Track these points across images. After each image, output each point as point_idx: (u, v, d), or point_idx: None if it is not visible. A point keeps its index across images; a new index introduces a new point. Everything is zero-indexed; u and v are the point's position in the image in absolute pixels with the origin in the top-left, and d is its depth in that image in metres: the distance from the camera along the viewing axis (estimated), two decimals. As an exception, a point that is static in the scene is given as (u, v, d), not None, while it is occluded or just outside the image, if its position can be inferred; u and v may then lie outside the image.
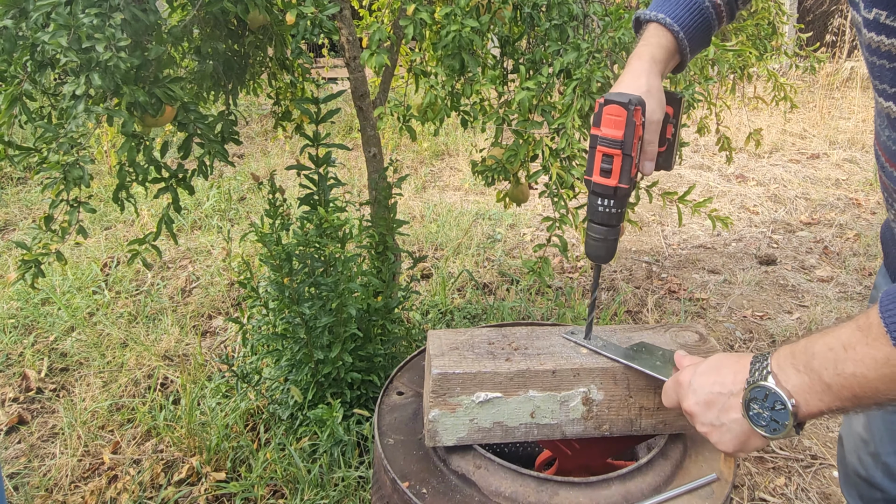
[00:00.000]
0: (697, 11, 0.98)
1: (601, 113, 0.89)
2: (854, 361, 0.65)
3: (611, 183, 0.88)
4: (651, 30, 0.98)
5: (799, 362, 0.70)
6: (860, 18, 0.73)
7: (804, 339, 0.72)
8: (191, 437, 1.81)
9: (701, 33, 1.00)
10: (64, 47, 1.07)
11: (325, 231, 1.60)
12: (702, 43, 1.03)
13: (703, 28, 1.00)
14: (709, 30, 1.02)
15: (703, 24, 0.99)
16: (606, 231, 0.92)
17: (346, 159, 4.50)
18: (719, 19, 1.02)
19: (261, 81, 1.82)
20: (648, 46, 0.97)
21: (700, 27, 0.99)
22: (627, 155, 0.87)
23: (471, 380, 0.90)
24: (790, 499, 1.77)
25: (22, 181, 4.07)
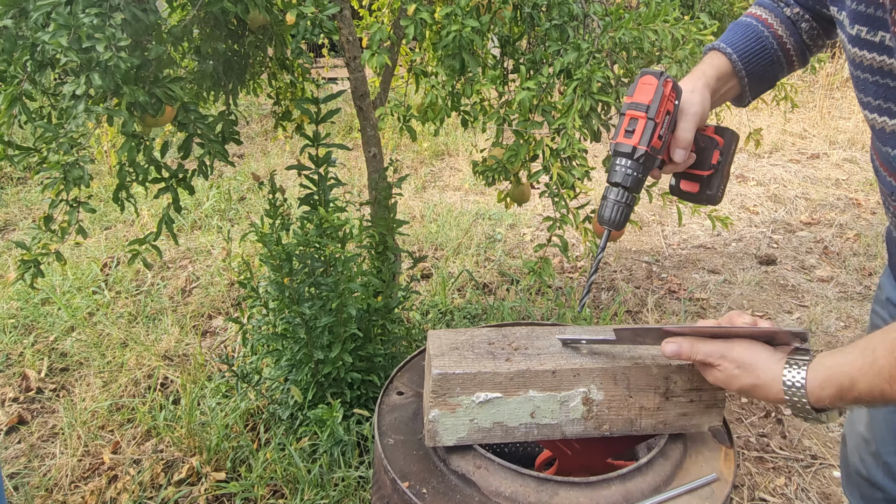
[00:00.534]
0: (755, 40, 1.00)
1: (636, 83, 0.92)
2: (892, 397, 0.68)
3: (632, 142, 0.89)
4: (708, 56, 1.02)
5: (837, 398, 0.73)
6: (844, 36, 0.77)
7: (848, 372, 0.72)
8: (191, 437, 1.81)
9: (762, 66, 1.01)
10: (64, 47, 1.07)
11: (325, 231, 1.60)
12: (764, 77, 1.03)
13: (765, 61, 1.01)
14: (772, 65, 1.02)
15: (763, 54, 1.00)
16: (621, 194, 0.92)
17: (346, 159, 4.50)
18: (788, 60, 1.03)
19: (261, 81, 1.82)
20: (701, 65, 1.01)
21: (759, 56, 1.00)
22: (651, 119, 0.89)
23: (471, 380, 0.90)
24: (790, 499, 1.77)
25: (22, 181, 4.07)
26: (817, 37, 1.03)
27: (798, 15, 1.02)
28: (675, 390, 0.95)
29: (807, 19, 1.01)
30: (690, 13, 1.99)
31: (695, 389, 0.95)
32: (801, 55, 1.04)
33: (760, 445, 1.97)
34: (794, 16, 1.02)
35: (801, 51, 1.03)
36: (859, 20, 0.73)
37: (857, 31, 0.73)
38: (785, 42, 1.01)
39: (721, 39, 1.03)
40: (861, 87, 0.79)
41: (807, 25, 1.02)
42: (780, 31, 1.01)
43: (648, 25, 1.41)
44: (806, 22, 1.01)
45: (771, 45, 1.01)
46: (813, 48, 1.04)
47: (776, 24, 1.01)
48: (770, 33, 1.01)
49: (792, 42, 1.01)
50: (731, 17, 2.11)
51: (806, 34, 1.02)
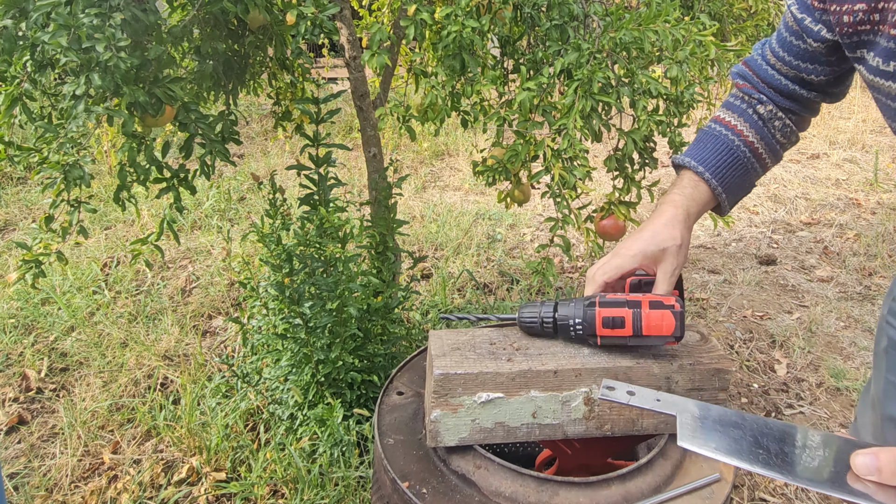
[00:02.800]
0: (727, 152, 0.99)
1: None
2: None
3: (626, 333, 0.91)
4: (686, 179, 1.00)
5: None
6: (873, 74, 0.80)
7: None
8: (191, 437, 1.81)
9: (737, 177, 1.00)
10: (64, 47, 1.07)
11: (325, 231, 1.60)
12: (740, 186, 1.02)
13: (739, 172, 1.00)
14: (746, 174, 1.01)
15: (736, 165, 1.00)
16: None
17: (346, 159, 4.50)
18: (760, 162, 1.02)
19: (261, 81, 1.81)
20: (684, 198, 0.99)
21: (733, 169, 0.99)
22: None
23: (472, 380, 0.90)
24: (790, 499, 1.77)
25: (22, 181, 4.07)
26: (790, 133, 1.03)
27: (771, 113, 1.00)
28: (677, 390, 0.95)
29: (780, 117, 1.00)
30: (691, 14, 1.99)
31: (696, 389, 0.95)
32: (774, 154, 1.03)
33: (760, 445, 1.97)
34: (766, 114, 1.00)
35: (773, 151, 1.02)
36: (893, 56, 0.77)
37: (893, 67, 0.78)
38: (756, 147, 1.01)
39: (691, 155, 1.01)
40: (893, 116, 0.84)
41: (780, 123, 1.01)
42: (751, 136, 1.00)
43: (649, 26, 1.41)
44: (779, 120, 1.01)
45: (743, 154, 1.00)
46: (787, 145, 1.04)
47: (745, 129, 1.00)
48: (741, 141, 1.00)
49: (763, 145, 1.01)
50: (730, 17, 2.11)
51: (779, 132, 1.01)
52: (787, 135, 1.02)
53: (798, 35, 0.93)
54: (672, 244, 0.95)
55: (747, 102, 1.02)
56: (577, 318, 0.91)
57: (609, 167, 1.58)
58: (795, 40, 0.94)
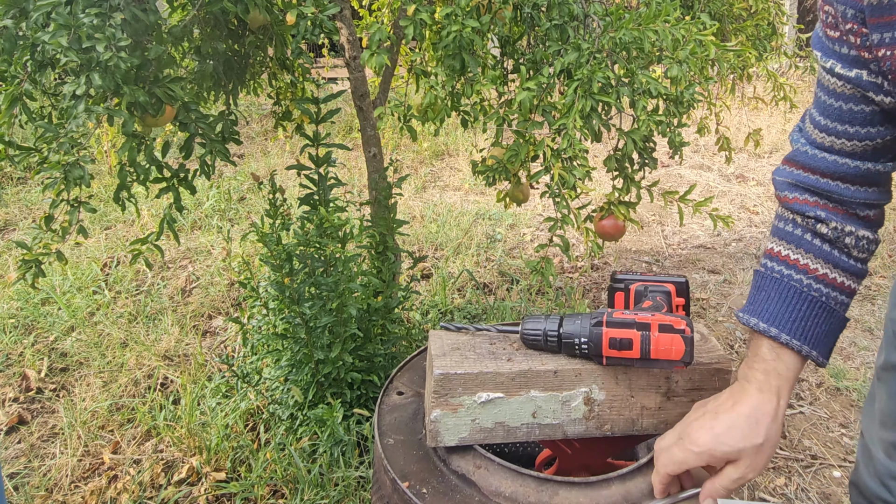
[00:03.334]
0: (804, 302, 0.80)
1: None
2: None
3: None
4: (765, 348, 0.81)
5: None
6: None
7: None
8: (191, 437, 1.81)
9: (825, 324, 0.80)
10: (64, 47, 1.07)
11: (325, 231, 1.60)
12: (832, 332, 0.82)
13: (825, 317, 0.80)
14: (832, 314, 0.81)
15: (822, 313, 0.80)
16: None
17: (346, 159, 4.50)
18: (844, 291, 0.82)
19: (261, 81, 1.81)
20: (769, 376, 0.80)
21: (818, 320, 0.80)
22: None
23: (472, 380, 0.90)
24: (790, 499, 1.77)
25: (22, 181, 4.07)
26: (869, 244, 0.81)
27: (837, 232, 0.80)
28: (677, 390, 0.95)
29: (848, 232, 0.80)
30: (691, 13, 1.99)
31: (696, 389, 0.95)
32: (857, 274, 0.82)
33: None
34: (831, 234, 0.80)
35: (854, 272, 0.82)
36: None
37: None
38: (833, 278, 0.80)
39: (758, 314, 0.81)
40: None
41: (851, 240, 0.80)
42: (821, 268, 0.80)
43: (649, 25, 1.41)
44: (849, 236, 0.80)
45: (821, 294, 0.80)
46: (868, 258, 0.83)
47: (811, 261, 0.81)
48: (811, 278, 0.80)
49: (840, 272, 0.80)
50: (730, 17, 2.11)
51: (855, 249, 0.80)
52: (864, 248, 0.82)
53: (857, 99, 0.76)
54: (749, 444, 0.77)
55: (803, 226, 0.82)
56: (584, 336, 0.89)
57: (609, 167, 1.58)
58: (856, 106, 0.77)
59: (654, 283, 0.97)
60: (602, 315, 0.88)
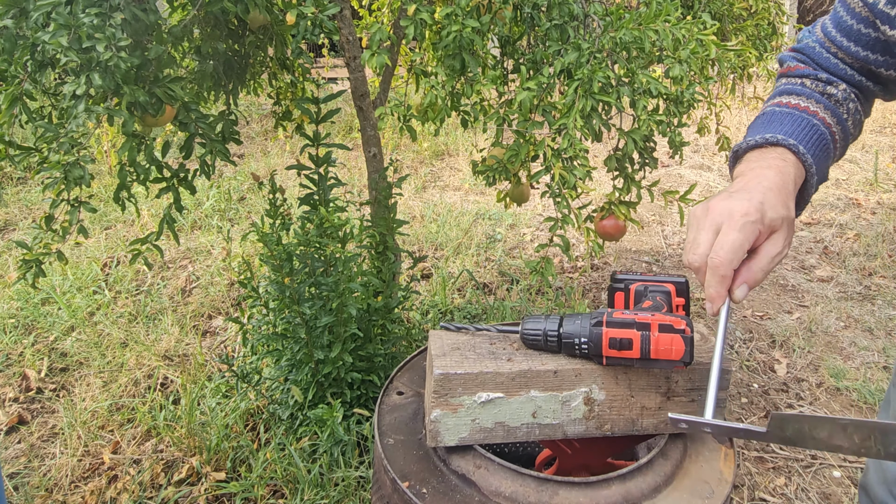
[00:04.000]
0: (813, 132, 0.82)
1: None
2: None
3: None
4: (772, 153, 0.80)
5: None
6: None
7: None
8: (191, 437, 1.81)
9: (823, 160, 0.83)
10: (64, 47, 1.07)
11: (325, 231, 1.60)
12: (823, 173, 0.85)
13: (824, 155, 0.83)
14: (827, 158, 0.84)
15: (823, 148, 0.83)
16: None
17: (347, 159, 4.50)
18: (835, 149, 0.86)
19: (261, 81, 1.81)
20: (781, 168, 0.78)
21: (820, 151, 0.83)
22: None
23: (473, 380, 0.90)
24: (790, 499, 1.77)
25: (22, 181, 4.07)
26: (859, 122, 0.88)
27: (845, 94, 0.86)
28: (677, 390, 0.95)
29: (853, 99, 0.86)
30: (691, 13, 1.99)
31: (696, 389, 0.95)
32: (844, 145, 0.87)
33: (760, 445, 1.97)
34: (841, 95, 0.85)
35: (844, 140, 0.87)
36: None
37: None
38: (834, 132, 0.85)
39: (772, 131, 0.82)
40: None
41: (853, 107, 0.87)
42: (828, 118, 0.84)
43: (649, 25, 1.41)
44: (853, 102, 0.86)
45: (825, 134, 0.83)
46: (852, 138, 0.89)
47: (820, 110, 0.84)
48: (819, 121, 0.83)
49: (839, 130, 0.85)
50: (730, 17, 2.11)
51: (851, 119, 0.87)
52: (856, 123, 0.88)
53: (868, 23, 0.81)
54: (788, 213, 0.74)
55: (812, 88, 0.87)
56: (584, 336, 0.89)
57: (609, 167, 1.58)
58: (865, 28, 0.82)
59: (654, 283, 0.97)
60: (602, 315, 0.88)
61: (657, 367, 0.89)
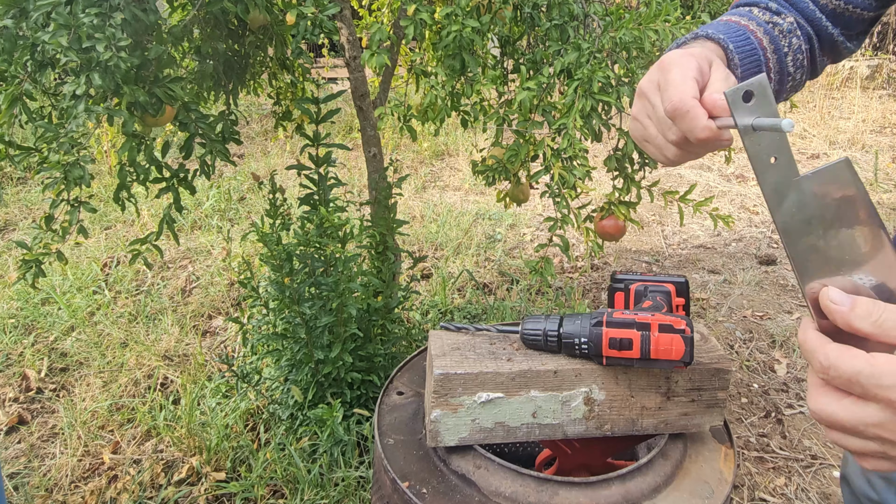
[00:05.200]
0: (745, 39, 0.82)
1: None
2: None
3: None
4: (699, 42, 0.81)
5: None
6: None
7: None
8: (191, 437, 1.81)
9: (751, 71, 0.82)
10: (64, 47, 1.07)
11: (325, 231, 1.60)
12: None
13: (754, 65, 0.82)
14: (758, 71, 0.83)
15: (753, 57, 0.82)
16: None
17: (346, 159, 4.50)
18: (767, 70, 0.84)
19: (261, 81, 1.82)
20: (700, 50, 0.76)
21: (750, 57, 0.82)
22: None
23: (472, 380, 0.90)
24: (790, 499, 1.77)
25: (22, 181, 4.07)
26: (800, 65, 0.86)
27: (792, 26, 0.85)
28: (677, 390, 0.95)
29: (799, 35, 0.86)
30: (691, 13, 1.99)
31: (696, 389, 0.95)
32: (780, 80, 0.86)
33: (760, 445, 1.97)
34: (787, 26, 0.85)
35: (780, 72, 0.86)
36: None
37: None
38: (769, 57, 0.84)
39: (709, 27, 0.83)
40: None
41: (797, 43, 0.85)
42: (765, 42, 0.84)
43: (649, 25, 1.41)
44: (797, 38, 0.85)
45: (757, 50, 0.83)
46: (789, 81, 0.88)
47: (759, 32, 0.84)
48: (756, 41, 0.83)
49: (775, 60, 0.85)
50: (731, 17, 2.11)
51: (792, 55, 0.85)
52: (796, 63, 0.86)
53: None
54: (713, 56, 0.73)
55: (759, 14, 0.86)
56: (583, 336, 0.89)
57: (609, 167, 1.58)
58: None
59: (654, 283, 0.97)
60: (602, 315, 0.88)
61: (657, 367, 0.89)
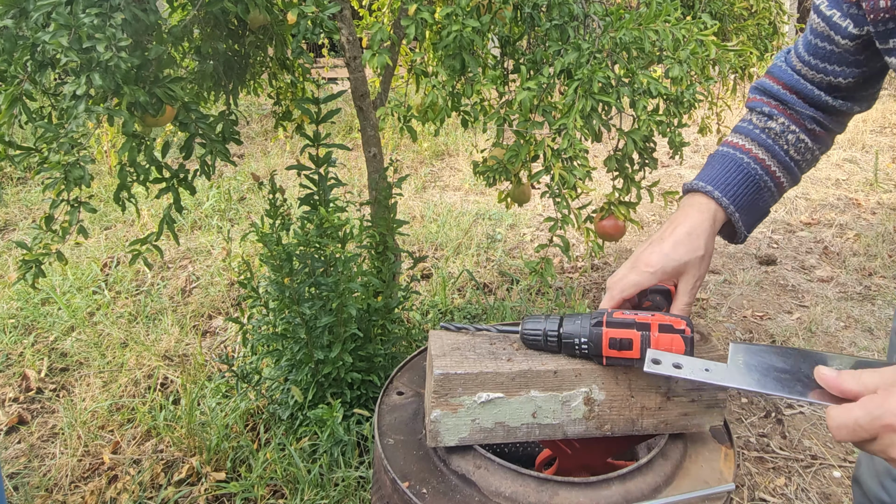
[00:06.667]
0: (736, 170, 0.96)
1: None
2: None
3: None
4: (695, 199, 0.96)
5: None
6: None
7: None
8: (191, 437, 1.81)
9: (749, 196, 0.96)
10: (64, 47, 1.07)
11: (325, 231, 1.60)
12: (754, 207, 0.97)
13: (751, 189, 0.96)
14: (759, 192, 0.97)
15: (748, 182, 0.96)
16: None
17: (347, 159, 4.50)
18: (774, 180, 0.98)
19: (261, 81, 1.82)
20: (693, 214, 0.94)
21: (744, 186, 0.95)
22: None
23: (472, 380, 0.90)
24: (790, 499, 1.77)
25: (22, 181, 4.07)
26: (805, 150, 0.99)
27: (783, 126, 0.97)
28: (677, 390, 0.95)
29: (793, 131, 0.98)
30: (692, 13, 1.99)
31: (696, 389, 0.95)
32: (789, 172, 0.98)
33: (760, 445, 1.97)
34: (779, 128, 0.97)
35: (787, 168, 0.98)
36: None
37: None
38: (768, 165, 0.97)
39: (699, 178, 0.97)
40: None
41: (793, 138, 0.97)
42: (761, 153, 0.97)
43: (649, 25, 1.41)
44: (792, 134, 0.97)
45: (755, 172, 0.96)
46: (802, 163, 1.00)
47: (754, 147, 0.97)
48: (751, 159, 0.96)
49: (775, 163, 0.97)
50: (731, 17, 2.11)
51: (793, 147, 0.98)
52: (800, 150, 0.99)
53: (825, 37, 0.91)
54: (693, 256, 0.91)
55: (756, 121, 1.00)
56: (583, 336, 0.89)
57: (609, 167, 1.58)
58: (821, 42, 0.92)
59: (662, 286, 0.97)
60: (602, 315, 0.88)
61: None
